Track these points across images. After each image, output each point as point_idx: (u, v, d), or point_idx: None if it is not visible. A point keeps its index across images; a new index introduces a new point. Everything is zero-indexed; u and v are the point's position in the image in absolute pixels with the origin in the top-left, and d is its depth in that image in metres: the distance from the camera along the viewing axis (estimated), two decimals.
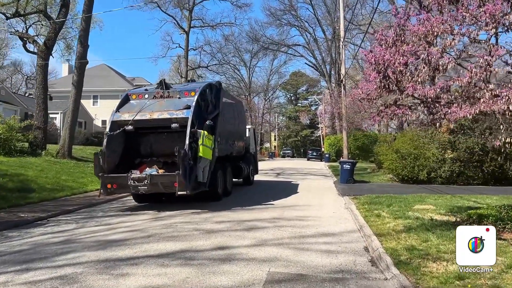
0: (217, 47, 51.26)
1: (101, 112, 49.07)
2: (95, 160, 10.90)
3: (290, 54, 61.54)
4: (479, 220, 7.74)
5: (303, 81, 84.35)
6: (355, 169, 19.32)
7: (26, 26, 21.23)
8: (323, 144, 54.70)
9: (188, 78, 52.02)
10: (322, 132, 63.38)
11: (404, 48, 6.44)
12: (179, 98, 11.80)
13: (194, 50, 48.34)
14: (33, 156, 17.51)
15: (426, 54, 6.01)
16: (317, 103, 78.39)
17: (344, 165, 18.40)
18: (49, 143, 22.14)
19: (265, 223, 8.81)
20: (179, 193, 10.06)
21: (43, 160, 17.26)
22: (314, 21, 54.02)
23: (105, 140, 11.09)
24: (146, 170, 10.98)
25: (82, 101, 43.94)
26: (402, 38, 6.76)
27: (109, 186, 10.68)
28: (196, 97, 11.28)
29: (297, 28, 56.43)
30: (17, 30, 20.80)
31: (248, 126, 19.01)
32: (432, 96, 5.87)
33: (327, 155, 44.35)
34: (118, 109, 11.85)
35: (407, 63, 6.36)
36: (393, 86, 6.56)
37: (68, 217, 10.00)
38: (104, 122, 49.66)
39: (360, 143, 40.64)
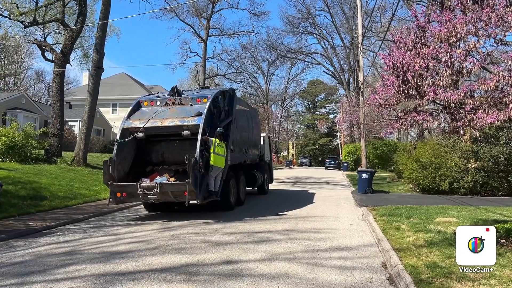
0: (234, 55, 51.48)
1: (120, 120, 49.26)
2: (104, 168, 10.63)
3: (307, 62, 61.18)
4: (507, 235, 7.21)
5: (321, 89, 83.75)
6: (373, 179, 18.73)
7: (44, 35, 21.47)
8: (341, 152, 53.93)
9: (213, 87, 52.28)
10: (340, 140, 62.59)
11: (424, 51, 6.02)
12: (191, 105, 11.56)
13: (211, 58, 48.55)
14: (49, 164, 17.54)
15: (448, 57, 5.58)
16: (335, 111, 77.72)
17: (362, 175, 17.84)
18: (67, 150, 22.29)
19: (277, 235, 8.42)
20: (189, 202, 9.87)
21: (57, 167, 17.27)
22: (332, 29, 53.63)
23: (115, 148, 10.91)
24: (157, 178, 10.70)
25: (101, 109, 44.88)
26: (423, 41, 6.35)
27: (118, 194, 10.44)
28: (208, 104, 11.03)
29: (315, 36, 56.12)
30: (36, 39, 21.07)
31: (263, 134, 18.72)
32: (455, 101, 5.43)
33: (345, 164, 43.57)
34: (129, 116, 11.65)
35: (428, 67, 5.94)
36: (412, 91, 6.14)
37: (77, 226, 9.81)
38: None
39: (379, 152, 39.79)
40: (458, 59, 5.54)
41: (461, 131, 6.35)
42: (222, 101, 12.05)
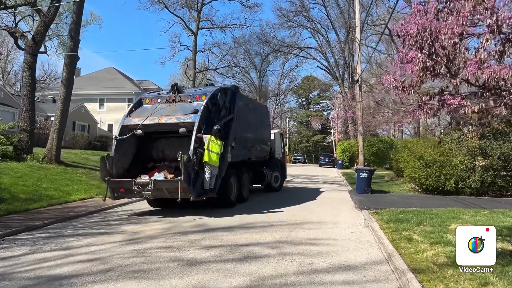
0: (226, 49, 49.68)
1: (107, 115, 47.77)
2: (102, 164, 10.81)
3: (301, 56, 59.67)
4: None
5: (315, 86, 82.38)
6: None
7: (15, 21, 19.68)
8: (335, 149, 52.53)
9: (204, 82, 50.50)
10: (334, 137, 61.24)
11: (456, 19, 4.55)
12: (190, 102, 11.63)
13: (202, 52, 46.78)
14: (17, 161, 15.86)
15: (494, 19, 4.11)
16: (329, 107, 76.41)
17: (360, 173, 16.41)
18: (45, 147, 20.55)
19: (266, 248, 6.94)
20: (181, 198, 9.80)
21: (26, 165, 15.60)
22: (327, 22, 52.16)
23: (113, 144, 11.20)
24: (155, 175, 10.84)
25: (87, 104, 43.02)
26: (451, 5, 4.87)
27: (116, 190, 10.76)
28: (205, 101, 11.04)
29: (309, 30, 54.60)
30: (6, 25, 19.35)
31: (274, 131, 18.76)
32: (506, 78, 3.96)
33: (340, 162, 42.18)
34: (129, 113, 11.79)
35: (463, 34, 4.47)
36: (440, 67, 4.66)
37: (29, 236, 8.24)
38: (110, 126, 48.26)
39: (375, 149, 38.53)
40: (508, 21, 4.07)
41: None
42: (222, 98, 11.87)
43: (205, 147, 10.30)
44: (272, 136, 17.71)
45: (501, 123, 8.97)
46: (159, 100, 12.04)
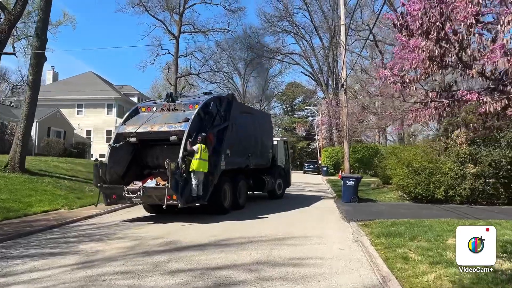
0: (209, 54, 48.58)
1: (86, 121, 46.15)
2: (95, 171, 11.11)
3: (286, 62, 59.07)
4: None
5: (299, 92, 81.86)
6: None
7: None
8: (320, 156, 51.84)
9: (187, 87, 49.35)
10: (319, 144, 60.62)
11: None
12: (184, 111, 11.85)
13: (184, 56, 45.66)
14: None
15: None
16: (313, 114, 76.00)
17: (347, 181, 15.57)
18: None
19: (243, 272, 5.97)
20: (167, 204, 10.00)
21: None
22: (311, 28, 51.65)
23: (108, 152, 11.52)
24: (148, 181, 11.11)
25: (64, 110, 41.28)
26: None
27: (109, 196, 11.12)
28: (197, 110, 11.28)
29: (293, 35, 54.03)
30: None
31: (277, 139, 18.79)
32: None
33: (324, 168, 41.48)
34: (125, 121, 12.14)
35: (479, 14, 3.62)
36: (451, 56, 3.80)
37: None
38: (88, 132, 46.64)
39: (360, 156, 37.95)
40: None
41: None
42: (216, 106, 12.09)
43: (197, 156, 10.45)
44: (275, 144, 17.75)
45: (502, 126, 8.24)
46: (154, 109, 12.33)
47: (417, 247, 7.44)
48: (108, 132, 46.89)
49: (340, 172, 35.40)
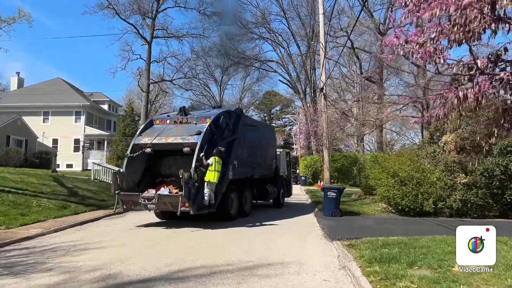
0: (183, 59, 46.68)
1: (52, 129, 43.58)
2: (113, 179, 12.10)
3: (263, 69, 57.60)
4: None
5: (277, 101, 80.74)
6: None
7: None
8: (298, 165, 50.52)
9: (161, 94, 47.35)
10: (296, 153, 59.38)
11: None
12: (196, 124, 12.53)
13: (157, 62, 43.53)
14: None
15: None
16: (291, 123, 74.96)
17: (328, 193, 14.10)
18: None
19: None
20: (180, 211, 10.75)
21: None
22: (288, 35, 50.46)
23: (125, 161, 12.33)
24: (161, 189, 11.80)
25: (26, 118, 38.52)
26: None
27: (125, 203, 12.01)
28: (208, 123, 12.00)
29: (270, 42, 52.78)
30: None
31: (279, 150, 19.75)
32: None
33: (303, 178, 40.05)
34: (140, 133, 12.95)
35: None
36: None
37: None
38: (55, 141, 44.00)
39: (339, 165, 36.56)
40: None
41: None
42: (225, 120, 12.82)
43: (212, 168, 11.12)
44: (278, 154, 18.44)
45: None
46: (168, 121, 13.07)
47: (420, 278, 5.97)
48: (76, 141, 44.37)
49: (319, 182, 34.06)
